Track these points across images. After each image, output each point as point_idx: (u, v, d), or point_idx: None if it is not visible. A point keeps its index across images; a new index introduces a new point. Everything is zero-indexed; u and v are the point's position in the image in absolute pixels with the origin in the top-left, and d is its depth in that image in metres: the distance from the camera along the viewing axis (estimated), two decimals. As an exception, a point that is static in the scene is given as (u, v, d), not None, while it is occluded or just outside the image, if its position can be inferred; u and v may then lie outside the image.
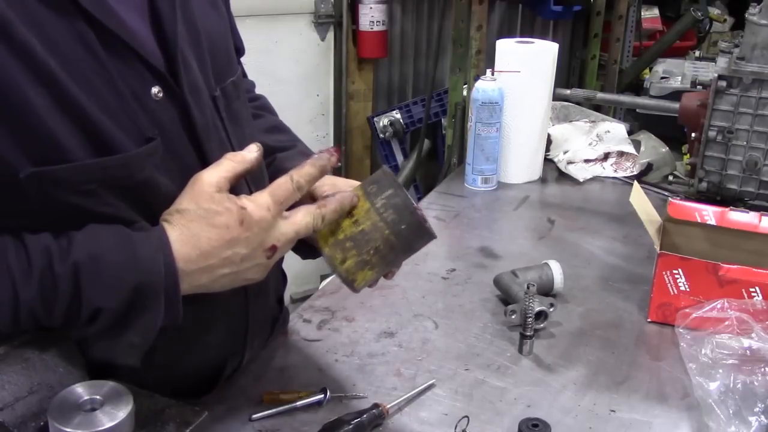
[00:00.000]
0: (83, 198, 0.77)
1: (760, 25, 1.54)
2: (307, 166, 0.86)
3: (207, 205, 0.81)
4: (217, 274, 0.82)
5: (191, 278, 0.81)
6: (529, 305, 1.14)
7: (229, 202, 0.81)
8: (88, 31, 0.75)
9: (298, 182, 0.85)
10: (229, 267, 0.82)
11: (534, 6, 3.04)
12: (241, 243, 0.81)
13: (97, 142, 0.76)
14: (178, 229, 0.80)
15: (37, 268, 0.74)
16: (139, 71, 0.80)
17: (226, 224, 0.80)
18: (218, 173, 0.82)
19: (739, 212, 1.27)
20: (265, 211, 0.82)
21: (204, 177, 0.82)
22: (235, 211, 0.81)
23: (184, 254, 0.79)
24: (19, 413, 0.74)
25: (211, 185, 0.81)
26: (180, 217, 0.81)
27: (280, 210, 0.84)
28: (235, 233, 0.81)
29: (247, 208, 0.81)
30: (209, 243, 0.80)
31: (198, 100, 0.87)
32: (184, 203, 0.81)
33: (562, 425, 1.01)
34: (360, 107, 3.28)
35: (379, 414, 1.00)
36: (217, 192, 0.81)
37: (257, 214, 0.82)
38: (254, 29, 2.85)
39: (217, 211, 0.80)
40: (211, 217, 0.80)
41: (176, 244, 0.79)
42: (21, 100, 0.71)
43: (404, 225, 0.86)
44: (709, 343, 1.09)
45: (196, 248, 0.80)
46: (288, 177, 0.85)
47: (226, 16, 1.02)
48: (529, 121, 1.89)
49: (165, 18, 0.84)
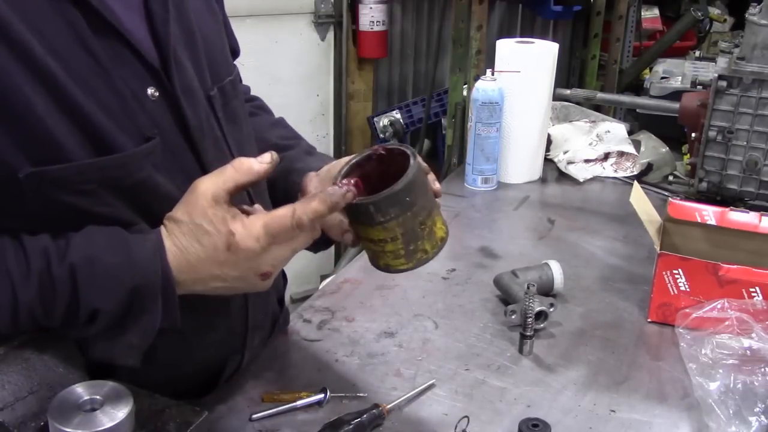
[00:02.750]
0: (82, 198, 0.77)
1: (760, 25, 1.53)
2: (315, 201, 0.79)
3: (199, 220, 0.78)
4: (211, 285, 0.82)
5: (185, 285, 0.81)
6: (529, 305, 1.14)
7: (221, 223, 0.78)
8: (86, 29, 0.75)
9: (299, 219, 0.78)
10: (220, 282, 0.81)
11: (534, 6, 3.04)
12: (228, 265, 0.80)
13: (97, 142, 0.76)
14: (172, 239, 0.79)
15: (35, 270, 0.74)
16: (136, 70, 0.80)
17: (214, 245, 0.78)
18: (216, 185, 0.79)
19: (739, 212, 1.27)
20: (253, 242, 0.78)
21: (201, 187, 0.79)
22: (223, 234, 0.78)
23: (176, 264, 0.79)
24: (19, 413, 0.74)
25: (206, 197, 0.78)
26: (174, 226, 0.80)
27: (271, 243, 0.80)
28: (222, 257, 0.79)
29: (236, 235, 0.78)
30: (197, 259, 0.79)
31: (191, 100, 0.86)
32: (179, 213, 0.80)
33: (562, 425, 1.01)
34: (360, 107, 3.28)
35: (379, 414, 1.00)
36: (212, 207, 0.78)
37: (244, 243, 0.78)
38: (254, 29, 2.85)
39: (207, 230, 0.78)
40: (200, 235, 0.79)
41: (169, 253, 0.79)
42: (20, 100, 0.71)
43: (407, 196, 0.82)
44: (709, 343, 1.09)
45: (186, 261, 0.79)
46: (290, 211, 0.79)
47: (221, 16, 1.02)
48: (529, 121, 1.89)
49: (157, 18, 0.84)
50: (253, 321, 1.02)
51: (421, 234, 0.85)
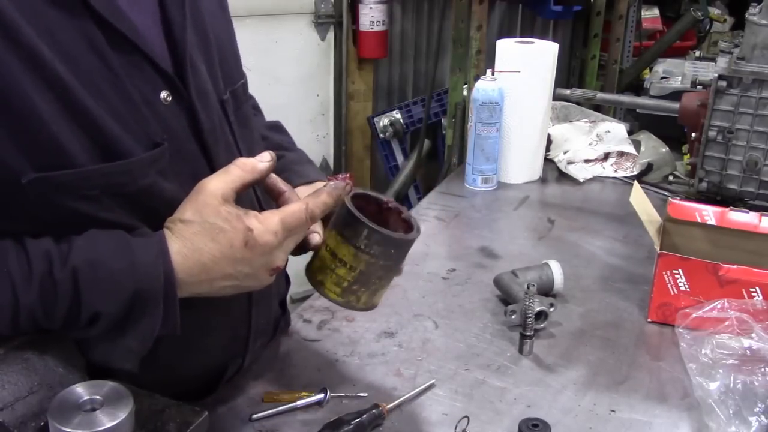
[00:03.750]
0: (85, 203, 0.77)
1: (760, 25, 1.54)
2: (324, 195, 0.84)
3: (212, 219, 0.78)
4: (218, 285, 0.82)
5: (191, 287, 0.80)
6: (529, 305, 1.14)
7: (237, 220, 0.79)
8: (97, 33, 0.74)
9: (312, 212, 0.83)
10: (230, 281, 0.81)
11: (534, 6, 3.04)
12: (244, 262, 0.80)
13: (104, 147, 0.75)
14: (181, 241, 0.79)
15: (37, 273, 0.74)
16: (148, 75, 0.80)
17: (230, 243, 0.79)
18: (225, 183, 0.80)
19: (739, 212, 1.27)
20: (271, 236, 0.80)
21: (209, 187, 0.80)
22: (241, 231, 0.79)
23: (186, 267, 0.78)
24: (19, 413, 0.74)
25: (216, 197, 0.79)
26: (183, 228, 0.79)
27: (287, 237, 0.82)
28: (238, 254, 0.79)
29: (254, 231, 0.79)
30: (212, 258, 0.79)
31: (205, 105, 0.86)
32: (188, 213, 0.79)
33: (562, 425, 1.01)
34: (360, 107, 3.28)
35: (379, 414, 1.00)
36: (223, 205, 0.79)
37: (263, 238, 0.80)
38: (254, 29, 2.85)
39: (222, 228, 0.78)
40: (215, 233, 0.78)
41: (177, 256, 0.78)
42: (25, 106, 0.70)
43: (392, 249, 0.87)
44: (709, 343, 1.09)
45: (198, 262, 0.79)
46: (303, 205, 0.83)
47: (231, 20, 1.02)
48: (529, 121, 1.89)
49: (174, 22, 0.83)
50: (255, 326, 1.02)
51: (370, 286, 0.89)
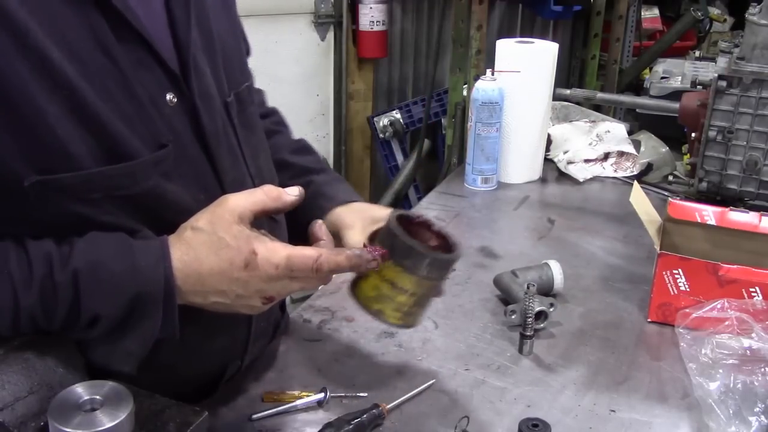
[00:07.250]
0: (88, 206, 0.77)
1: (760, 25, 1.53)
2: (342, 257, 0.82)
3: (222, 233, 0.79)
4: (210, 299, 0.82)
5: (185, 296, 0.81)
6: (529, 305, 1.14)
7: (245, 241, 0.79)
8: (107, 30, 0.74)
9: (321, 265, 0.80)
10: (222, 298, 0.81)
11: (534, 6, 3.04)
12: (239, 283, 0.80)
13: (109, 149, 0.75)
14: (184, 248, 0.79)
15: (38, 276, 0.74)
16: (156, 76, 0.80)
17: (231, 260, 0.79)
18: (246, 203, 0.80)
19: (739, 212, 1.27)
20: (272, 268, 0.79)
21: (229, 202, 0.80)
22: (245, 252, 0.79)
23: (184, 275, 0.79)
24: (19, 413, 0.74)
25: (233, 213, 0.80)
26: (192, 235, 0.80)
27: (288, 276, 0.81)
28: (236, 273, 0.79)
29: (258, 256, 0.79)
30: (209, 271, 0.79)
31: (208, 107, 0.86)
32: (201, 222, 0.80)
33: (562, 425, 1.01)
34: (360, 107, 3.28)
35: (379, 414, 1.00)
36: (237, 223, 0.79)
37: (263, 267, 0.79)
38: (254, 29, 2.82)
39: (228, 244, 0.79)
40: (220, 248, 0.79)
41: (178, 262, 0.79)
42: (32, 109, 0.70)
43: (448, 268, 0.92)
44: (709, 343, 1.09)
45: (196, 272, 0.79)
46: (315, 254, 0.81)
47: (238, 20, 1.02)
48: (529, 121, 1.89)
49: (178, 22, 0.83)
50: (255, 328, 1.02)
51: (425, 306, 0.92)
